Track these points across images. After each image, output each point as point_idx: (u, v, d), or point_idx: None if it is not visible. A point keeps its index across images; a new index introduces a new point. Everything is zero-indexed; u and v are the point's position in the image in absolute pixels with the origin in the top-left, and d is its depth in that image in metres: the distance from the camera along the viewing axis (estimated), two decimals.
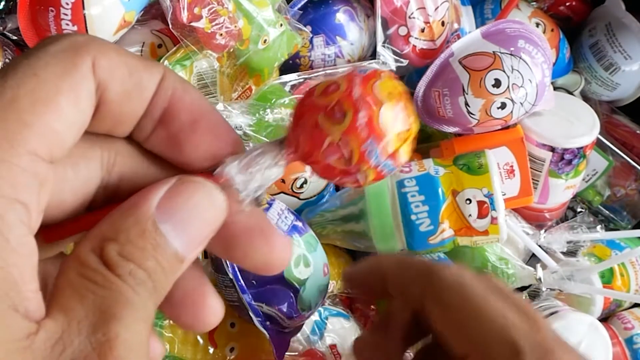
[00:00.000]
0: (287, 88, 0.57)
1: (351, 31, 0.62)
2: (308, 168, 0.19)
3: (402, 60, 0.63)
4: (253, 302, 0.47)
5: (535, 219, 0.69)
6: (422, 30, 0.62)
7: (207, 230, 0.18)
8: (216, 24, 0.51)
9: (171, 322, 0.51)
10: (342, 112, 0.17)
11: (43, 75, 0.16)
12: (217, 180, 0.18)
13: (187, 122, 0.18)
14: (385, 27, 0.62)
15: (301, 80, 0.57)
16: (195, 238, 0.17)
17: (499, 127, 0.62)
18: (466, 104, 0.60)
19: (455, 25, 0.66)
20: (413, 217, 0.53)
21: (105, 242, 0.16)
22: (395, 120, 0.17)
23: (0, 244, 0.14)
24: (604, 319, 0.68)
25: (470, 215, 0.54)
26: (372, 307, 0.61)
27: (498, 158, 0.60)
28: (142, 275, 0.16)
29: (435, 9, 0.62)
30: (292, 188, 0.62)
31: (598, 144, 0.71)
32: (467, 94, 0.59)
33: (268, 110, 0.52)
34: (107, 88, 0.17)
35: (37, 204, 0.16)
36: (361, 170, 0.18)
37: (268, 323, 0.48)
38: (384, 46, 0.62)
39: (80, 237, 0.17)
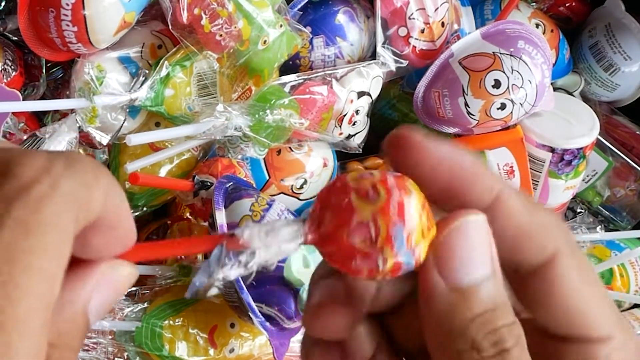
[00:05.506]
0: (287, 89, 0.56)
1: (351, 32, 0.62)
2: (321, 254, 0.19)
3: (402, 61, 0.63)
4: (253, 303, 0.47)
5: None
6: (422, 31, 0.62)
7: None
8: (216, 25, 0.51)
9: (171, 322, 0.51)
10: (376, 193, 0.18)
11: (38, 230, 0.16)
12: (236, 241, 0.19)
13: (106, 230, 0.18)
14: (385, 27, 0.62)
15: (301, 81, 0.57)
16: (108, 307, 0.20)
17: (499, 128, 0.62)
18: (466, 105, 0.60)
19: (455, 26, 0.66)
20: None
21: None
22: (422, 214, 0.18)
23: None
24: None
25: None
26: None
27: (498, 159, 0.60)
28: None
29: (435, 9, 0.62)
30: (292, 189, 0.62)
31: (598, 145, 0.71)
32: (466, 94, 0.59)
33: (268, 111, 0.52)
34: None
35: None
36: (383, 254, 0.18)
37: (268, 323, 0.48)
38: (383, 47, 0.62)
39: None
